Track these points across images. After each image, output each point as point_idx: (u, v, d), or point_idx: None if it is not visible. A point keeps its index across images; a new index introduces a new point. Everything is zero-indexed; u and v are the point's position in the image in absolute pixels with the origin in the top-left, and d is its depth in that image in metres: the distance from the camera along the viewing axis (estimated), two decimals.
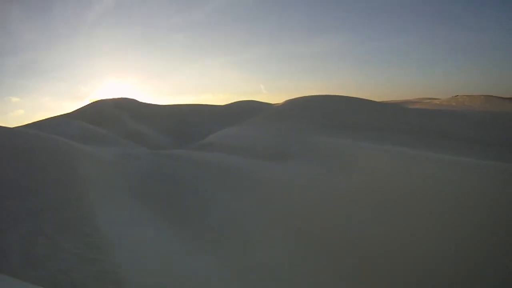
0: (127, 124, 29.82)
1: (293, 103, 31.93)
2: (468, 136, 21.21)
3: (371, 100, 32.97)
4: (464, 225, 5.80)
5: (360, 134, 19.81)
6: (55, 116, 33.57)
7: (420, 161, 11.03)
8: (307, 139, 17.27)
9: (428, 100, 55.07)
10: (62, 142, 11.39)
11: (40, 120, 30.58)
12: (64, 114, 34.63)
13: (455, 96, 48.25)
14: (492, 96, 43.82)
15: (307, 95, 34.95)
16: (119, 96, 38.78)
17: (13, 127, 18.40)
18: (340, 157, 12.22)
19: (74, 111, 35.48)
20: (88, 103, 39.21)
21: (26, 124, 29.01)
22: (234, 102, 40.64)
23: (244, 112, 35.47)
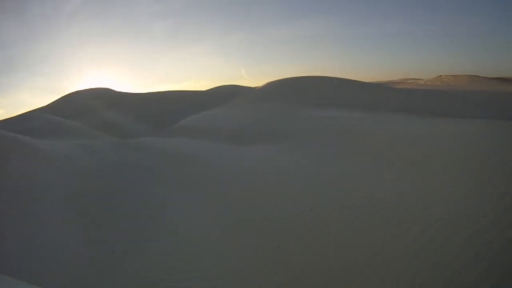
0: (102, 114, 28.52)
1: (273, 85, 30.82)
2: (458, 114, 20.29)
3: (356, 80, 31.87)
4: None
5: (349, 112, 18.80)
6: (28, 111, 31.92)
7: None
8: (283, 120, 16.45)
9: (412, 81, 54.51)
10: (4, 137, 10.33)
11: (12, 117, 29.01)
12: (38, 108, 33.02)
13: (439, 76, 47.79)
14: (477, 76, 43.33)
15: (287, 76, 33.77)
16: (95, 87, 37.05)
17: None
18: (316, 140, 11.41)
19: (49, 104, 33.89)
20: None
21: None
22: (215, 87, 39.36)
23: (225, 96, 34.32)
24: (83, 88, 36.33)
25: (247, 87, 40.32)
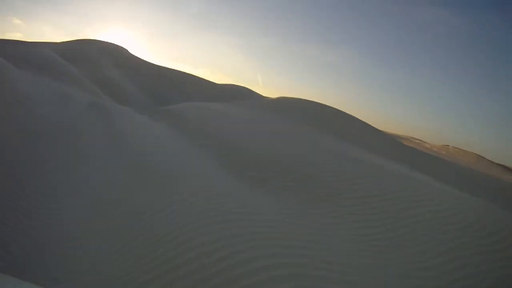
0: (107, 70, 26.92)
1: (286, 101, 29.50)
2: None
3: (375, 128, 30.40)
4: None
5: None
6: (35, 42, 30.20)
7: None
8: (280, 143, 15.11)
9: (418, 141, 53.53)
10: None
11: (18, 41, 27.29)
12: (46, 42, 31.23)
13: (446, 145, 46.60)
14: (483, 157, 41.86)
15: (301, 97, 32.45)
16: (111, 42, 35.42)
17: None
18: None
19: (58, 42, 32.19)
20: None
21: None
22: (227, 84, 37.85)
23: (233, 95, 33.02)
24: (99, 39, 34.70)
25: (258, 94, 38.92)
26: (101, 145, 8.00)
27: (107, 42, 34.31)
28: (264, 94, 40.06)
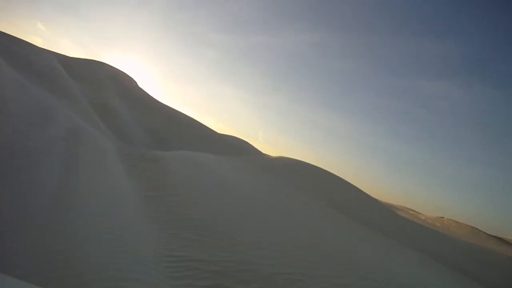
0: (107, 95, 25.55)
1: (289, 162, 28.00)
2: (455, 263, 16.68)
3: (376, 199, 28.84)
4: None
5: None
6: (44, 49, 28.99)
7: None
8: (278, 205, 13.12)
9: (412, 212, 52.57)
10: None
11: (30, 43, 26.09)
12: (56, 53, 30.00)
13: (441, 217, 46.21)
14: (477, 229, 41.71)
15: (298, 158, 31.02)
16: (121, 69, 34.81)
17: None
18: None
19: (68, 57, 31.18)
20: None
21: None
22: (228, 135, 36.59)
23: (232, 147, 31.55)
24: (109, 63, 34.14)
25: (257, 149, 37.57)
26: (42, 192, 5.80)
27: (118, 69, 33.70)
28: (263, 151, 38.81)
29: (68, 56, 30.54)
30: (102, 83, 27.15)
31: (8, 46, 17.47)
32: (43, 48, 21.91)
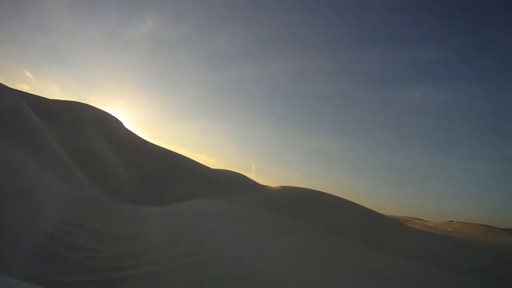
0: (89, 138, 22.52)
1: (290, 192, 25.09)
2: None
3: (377, 212, 26.09)
4: None
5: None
6: (17, 90, 25.63)
7: None
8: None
9: (419, 221, 50.31)
10: None
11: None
12: (34, 95, 26.80)
13: (450, 221, 44.63)
14: (489, 226, 40.16)
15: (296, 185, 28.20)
16: (105, 110, 31.88)
17: None
18: None
19: (48, 99, 28.08)
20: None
21: None
22: (223, 170, 33.48)
23: (229, 181, 28.44)
24: (95, 106, 31.21)
25: (254, 181, 34.39)
26: None
27: (102, 111, 30.87)
28: (260, 182, 35.64)
29: (49, 99, 27.63)
30: (85, 125, 24.18)
31: None
32: (11, 88, 19.00)
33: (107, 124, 28.38)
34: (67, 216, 8.62)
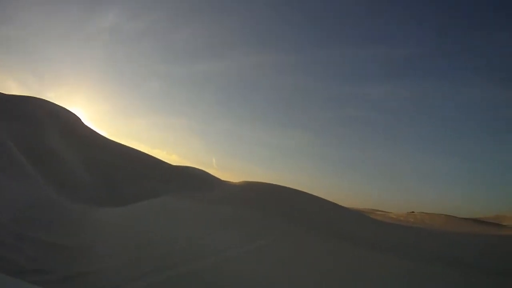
0: (44, 135, 21.84)
1: (254, 187, 26.13)
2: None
3: (342, 206, 27.66)
4: None
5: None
6: None
7: None
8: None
9: (381, 212, 51.93)
10: None
11: None
12: None
13: (411, 212, 45.64)
14: (453, 216, 41.35)
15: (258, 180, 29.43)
16: (64, 106, 30.70)
17: None
18: None
19: (4, 94, 26.57)
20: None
21: None
22: (185, 166, 33.73)
23: (192, 177, 28.93)
24: (51, 100, 29.86)
25: (216, 177, 35.10)
26: None
27: (60, 106, 29.71)
28: (221, 177, 36.39)
29: (4, 94, 26.09)
30: (41, 122, 23.33)
31: None
32: None
33: (64, 120, 27.46)
34: (15, 223, 8.36)
